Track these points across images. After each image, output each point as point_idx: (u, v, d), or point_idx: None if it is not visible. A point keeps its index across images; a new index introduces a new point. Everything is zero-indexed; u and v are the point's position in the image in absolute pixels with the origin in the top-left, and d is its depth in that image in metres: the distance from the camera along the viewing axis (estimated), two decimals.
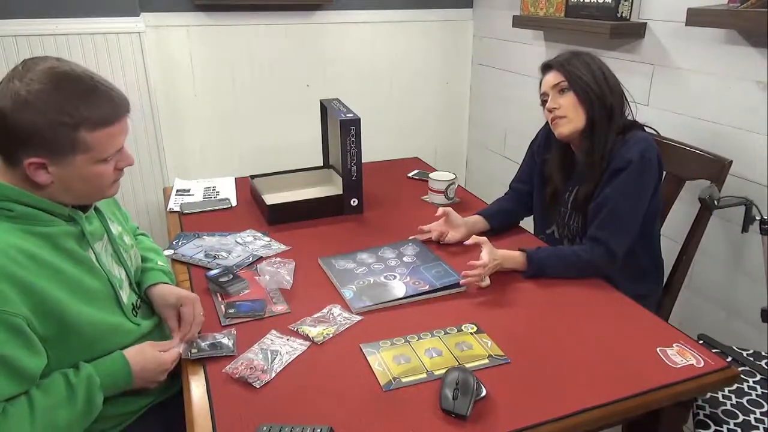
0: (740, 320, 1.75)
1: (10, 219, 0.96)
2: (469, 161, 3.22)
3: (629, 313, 1.28)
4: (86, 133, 0.95)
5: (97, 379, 1.00)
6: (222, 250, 1.54)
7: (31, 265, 0.94)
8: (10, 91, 0.92)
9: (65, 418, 0.95)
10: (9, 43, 2.09)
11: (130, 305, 1.14)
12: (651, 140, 1.45)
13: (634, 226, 1.43)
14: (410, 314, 1.28)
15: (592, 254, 1.41)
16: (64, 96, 0.93)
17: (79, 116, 0.94)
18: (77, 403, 0.97)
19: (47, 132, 0.92)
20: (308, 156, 2.31)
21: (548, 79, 1.50)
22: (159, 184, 2.43)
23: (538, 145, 1.69)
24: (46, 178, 0.97)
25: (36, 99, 0.91)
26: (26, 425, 0.90)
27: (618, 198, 1.41)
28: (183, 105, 2.55)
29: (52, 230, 1.00)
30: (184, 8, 2.41)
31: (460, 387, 0.98)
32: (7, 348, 0.89)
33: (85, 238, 1.06)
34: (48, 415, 0.93)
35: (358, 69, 2.79)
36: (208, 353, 1.12)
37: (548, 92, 1.50)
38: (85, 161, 0.98)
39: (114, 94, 1.00)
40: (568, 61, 1.49)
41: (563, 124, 1.48)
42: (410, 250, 1.55)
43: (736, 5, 1.52)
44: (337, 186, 1.89)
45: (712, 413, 1.29)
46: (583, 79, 1.45)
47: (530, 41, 2.52)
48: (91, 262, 1.06)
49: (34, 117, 0.91)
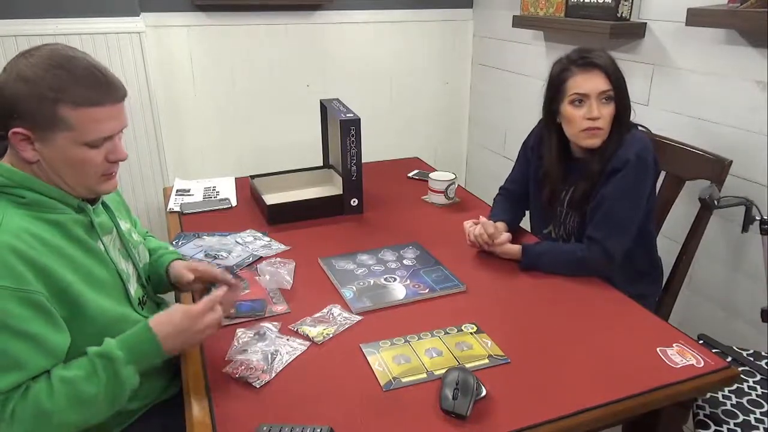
0: (740, 320, 1.75)
1: (22, 205, 0.98)
2: (469, 161, 3.22)
3: (629, 313, 1.28)
4: (68, 109, 0.95)
5: (119, 353, 0.97)
6: (222, 250, 1.54)
7: (43, 249, 0.95)
8: (12, 66, 0.96)
9: (90, 392, 0.94)
10: (9, 43, 2.08)
11: (137, 299, 1.15)
12: (647, 140, 1.44)
13: (631, 227, 1.42)
14: (410, 314, 1.28)
15: (588, 253, 1.41)
16: (54, 73, 0.95)
17: (61, 90, 0.94)
18: (100, 377, 0.95)
19: (29, 102, 0.94)
20: (308, 156, 2.31)
21: (596, 82, 1.38)
22: (159, 184, 2.43)
23: (531, 147, 1.66)
24: (33, 154, 0.98)
25: (27, 73, 0.94)
26: (45, 399, 0.91)
27: (615, 198, 1.40)
28: (183, 105, 2.55)
29: (61, 218, 1.01)
30: (184, 8, 2.41)
31: (460, 387, 0.98)
32: (33, 325, 0.91)
33: (94, 228, 1.07)
34: (70, 389, 0.93)
35: (358, 69, 2.79)
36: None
37: (591, 96, 1.38)
38: (68, 141, 0.97)
39: (106, 79, 1.00)
40: (613, 65, 1.39)
41: (599, 136, 1.41)
42: (410, 253, 1.55)
43: (736, 5, 1.52)
44: (337, 186, 1.89)
45: (712, 413, 1.29)
46: (626, 93, 1.39)
47: (530, 41, 2.52)
48: (100, 252, 1.07)
49: (21, 87, 0.94)
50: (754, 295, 1.69)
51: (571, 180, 1.54)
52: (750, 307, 1.71)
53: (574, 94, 1.40)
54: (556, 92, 1.45)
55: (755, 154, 1.62)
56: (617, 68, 1.41)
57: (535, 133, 1.67)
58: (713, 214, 1.60)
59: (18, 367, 0.90)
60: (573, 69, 1.42)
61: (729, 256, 1.76)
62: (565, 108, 1.43)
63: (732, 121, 1.68)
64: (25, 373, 0.91)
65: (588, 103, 1.40)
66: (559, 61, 1.47)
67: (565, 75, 1.43)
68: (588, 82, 1.39)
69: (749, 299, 1.71)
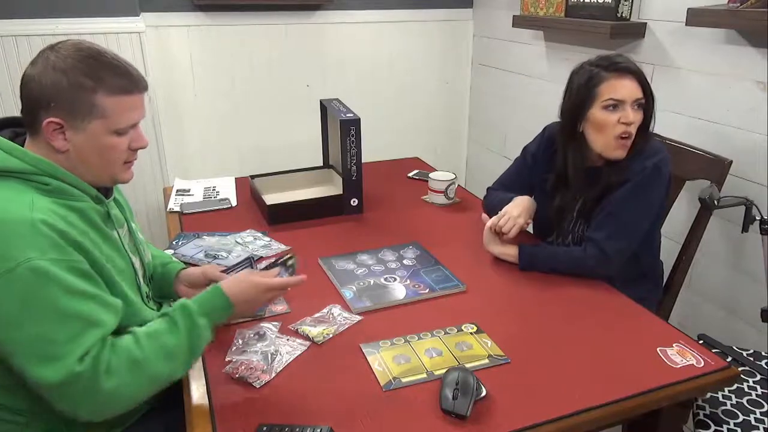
0: (740, 320, 1.75)
1: (46, 192, 0.99)
2: (469, 161, 3.22)
3: (629, 313, 1.28)
4: (104, 96, 0.99)
5: (195, 306, 1.04)
6: (222, 250, 1.54)
7: (74, 229, 0.98)
8: (43, 59, 0.99)
9: (173, 342, 0.99)
10: (9, 43, 2.08)
11: (145, 293, 1.18)
12: (666, 152, 1.41)
13: (635, 232, 1.40)
14: (410, 314, 1.28)
15: (584, 253, 1.40)
16: (87, 63, 0.99)
17: (98, 79, 0.98)
18: (180, 328, 1.01)
19: (68, 92, 0.97)
20: (308, 156, 2.31)
21: (631, 88, 1.35)
22: (159, 184, 2.43)
23: (532, 153, 1.61)
24: (63, 143, 1.00)
25: (63, 63, 0.97)
26: (135, 349, 0.96)
27: (621, 203, 1.39)
28: (183, 105, 2.55)
29: (83, 205, 1.03)
30: (184, 8, 2.41)
31: (460, 387, 0.98)
32: (91, 288, 0.96)
33: (111, 219, 1.10)
34: (154, 341, 0.98)
35: (358, 69, 2.79)
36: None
37: (626, 102, 1.35)
38: (100, 128, 1.01)
39: (132, 70, 1.04)
40: (643, 74, 1.37)
41: (627, 147, 1.38)
42: (410, 253, 1.55)
43: (736, 5, 1.52)
44: (337, 186, 1.89)
45: (712, 413, 1.29)
46: (654, 102, 1.38)
47: (530, 41, 2.52)
48: (117, 242, 1.11)
49: (59, 78, 0.97)
50: (754, 295, 1.69)
51: (584, 188, 1.48)
52: (750, 307, 1.71)
53: (610, 99, 1.35)
54: (586, 98, 1.38)
55: (755, 154, 1.62)
56: (645, 77, 1.39)
57: (536, 140, 1.63)
58: (713, 214, 1.60)
59: (95, 324, 0.94)
60: (604, 74, 1.36)
61: (729, 256, 1.76)
62: (595, 114, 1.38)
63: (732, 121, 1.68)
64: (103, 329, 0.95)
65: (622, 109, 1.35)
66: (582, 68, 1.41)
67: (596, 80, 1.37)
68: (624, 87, 1.35)
69: (749, 299, 1.71)
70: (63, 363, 0.89)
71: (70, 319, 0.92)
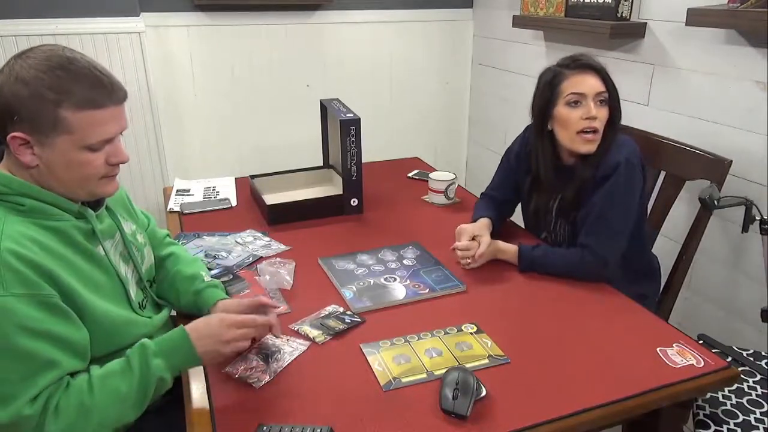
0: (740, 320, 1.75)
1: (21, 213, 0.97)
2: (469, 161, 3.22)
3: (629, 313, 1.28)
4: (68, 111, 0.93)
5: (151, 344, 1.00)
6: (222, 250, 1.54)
7: (46, 255, 0.95)
8: (8, 68, 0.94)
9: (124, 386, 0.96)
10: (9, 43, 2.08)
11: (137, 302, 1.15)
12: (634, 144, 1.43)
13: (624, 231, 1.42)
14: (410, 314, 1.28)
15: (582, 259, 1.40)
16: (53, 74, 0.93)
17: (62, 92, 0.93)
18: (133, 369, 0.97)
19: (29, 105, 0.92)
20: (308, 156, 2.31)
21: (592, 83, 1.38)
22: (159, 184, 2.43)
23: (515, 154, 1.63)
24: (31, 158, 0.96)
25: (26, 75, 0.92)
26: (86, 394, 0.93)
27: (605, 204, 1.40)
28: (183, 105, 2.55)
29: (61, 225, 1.00)
30: (184, 8, 2.41)
31: (460, 387, 0.98)
32: (55, 326, 0.93)
33: (95, 235, 1.07)
34: (106, 385, 0.95)
35: (358, 69, 2.79)
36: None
37: (588, 96, 1.38)
38: (68, 144, 0.95)
39: (107, 81, 0.98)
40: (605, 70, 1.40)
41: (595, 141, 1.40)
42: (410, 253, 1.55)
43: (736, 5, 1.52)
44: (337, 186, 1.89)
45: (712, 413, 1.29)
46: (618, 98, 1.40)
47: (530, 41, 2.52)
48: (101, 258, 1.07)
49: (20, 89, 0.92)
50: (754, 295, 1.69)
51: (558, 187, 1.51)
52: (750, 307, 1.71)
53: (571, 94, 1.39)
54: (550, 96, 1.43)
55: (755, 154, 1.62)
56: (608, 73, 1.42)
57: (518, 140, 1.64)
58: (713, 214, 1.60)
59: (52, 365, 0.92)
60: (566, 72, 1.41)
61: (729, 256, 1.76)
62: (559, 111, 1.42)
63: (732, 121, 1.68)
64: (60, 370, 0.92)
65: (585, 104, 1.39)
66: (548, 69, 1.46)
67: (558, 78, 1.42)
68: (584, 82, 1.39)
69: (749, 299, 1.71)
70: (14, 404, 0.87)
71: (26, 358, 0.89)
